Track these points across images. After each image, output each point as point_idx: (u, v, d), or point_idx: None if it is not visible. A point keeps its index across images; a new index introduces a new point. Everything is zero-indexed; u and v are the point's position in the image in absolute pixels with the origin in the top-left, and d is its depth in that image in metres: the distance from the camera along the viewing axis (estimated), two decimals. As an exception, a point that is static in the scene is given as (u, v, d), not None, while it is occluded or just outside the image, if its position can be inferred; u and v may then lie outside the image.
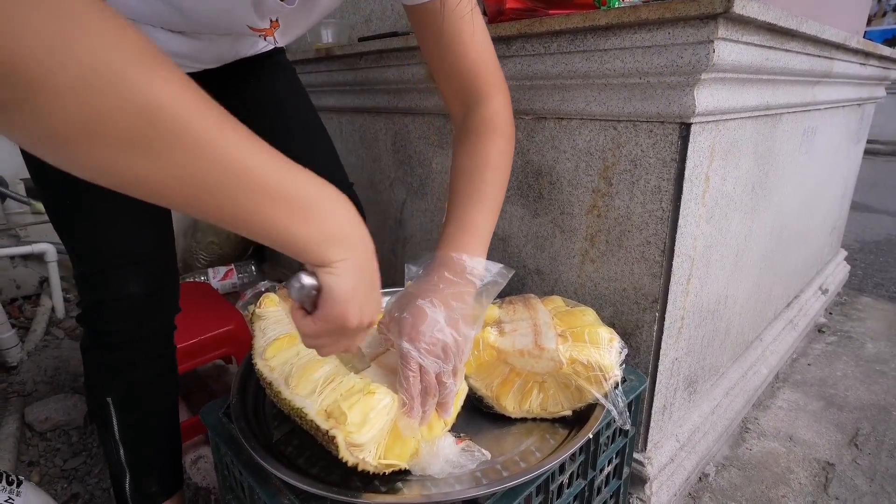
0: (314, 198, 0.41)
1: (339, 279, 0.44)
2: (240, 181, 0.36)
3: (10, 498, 0.77)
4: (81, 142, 0.31)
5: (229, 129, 0.36)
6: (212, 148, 0.34)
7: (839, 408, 1.39)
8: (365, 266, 0.47)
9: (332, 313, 0.46)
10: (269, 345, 0.70)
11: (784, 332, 1.56)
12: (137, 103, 0.31)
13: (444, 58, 0.73)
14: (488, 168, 0.72)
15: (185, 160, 0.34)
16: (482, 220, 0.71)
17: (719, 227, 0.99)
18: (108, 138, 0.31)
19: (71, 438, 1.37)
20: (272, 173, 0.38)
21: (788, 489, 1.13)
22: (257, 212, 0.38)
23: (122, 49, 0.30)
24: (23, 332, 1.91)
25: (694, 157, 0.83)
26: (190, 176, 0.35)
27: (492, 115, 0.74)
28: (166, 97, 0.32)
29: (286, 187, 0.39)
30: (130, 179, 0.34)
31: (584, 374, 0.69)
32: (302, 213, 0.40)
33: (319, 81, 1.51)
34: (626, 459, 0.88)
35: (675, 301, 0.91)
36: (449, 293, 0.63)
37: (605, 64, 0.84)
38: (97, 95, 0.30)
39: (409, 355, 0.58)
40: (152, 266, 0.78)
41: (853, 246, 2.65)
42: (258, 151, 0.38)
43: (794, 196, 1.37)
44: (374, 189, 1.48)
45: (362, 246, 0.46)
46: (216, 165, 0.35)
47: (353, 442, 0.55)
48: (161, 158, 0.33)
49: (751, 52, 0.82)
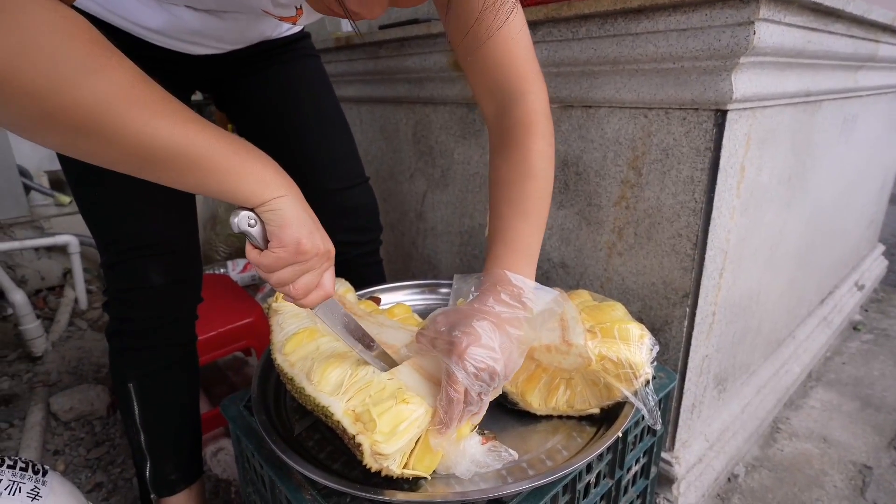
0: (244, 159, 0.48)
1: (281, 210, 0.50)
2: (180, 160, 0.44)
3: (37, 487, 0.78)
4: (39, 129, 0.39)
5: (170, 116, 0.43)
6: (152, 134, 0.41)
7: (876, 408, 1.34)
8: (301, 204, 0.52)
9: (285, 239, 0.50)
10: (287, 339, 0.68)
11: (818, 329, 1.51)
12: (86, 101, 0.38)
13: (475, 50, 0.66)
14: (531, 177, 0.68)
15: (130, 144, 0.41)
16: (529, 237, 0.67)
17: (753, 219, 0.95)
18: (61, 127, 0.39)
19: (94, 428, 1.39)
20: (206, 148, 0.45)
21: (823, 492, 1.09)
22: (198, 181, 0.46)
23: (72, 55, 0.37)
24: (47, 322, 1.95)
25: (729, 146, 0.79)
26: (135, 155, 0.42)
27: (529, 113, 0.68)
28: (111, 93, 0.39)
29: (220, 159, 0.46)
30: (86, 155, 0.42)
31: (613, 371, 0.67)
32: (237, 175, 0.47)
33: (339, 71, 1.49)
34: (654, 459, 0.85)
35: (707, 296, 0.88)
36: (505, 318, 0.61)
37: (637, 49, 0.80)
38: (51, 96, 0.37)
39: (457, 378, 0.56)
40: (176, 257, 0.79)
41: (890, 240, 2.55)
42: (193, 131, 0.44)
43: (832, 188, 1.31)
44: (394, 180, 1.46)
45: (293, 190, 0.51)
46: (158, 150, 0.42)
47: (379, 451, 0.53)
48: (110, 143, 0.41)
49: (793, 35, 0.78)
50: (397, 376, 0.61)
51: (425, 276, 1.46)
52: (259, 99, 0.92)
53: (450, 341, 0.58)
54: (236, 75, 0.90)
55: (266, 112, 0.93)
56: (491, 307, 0.62)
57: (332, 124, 0.98)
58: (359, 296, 0.96)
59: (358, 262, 1.04)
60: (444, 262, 1.38)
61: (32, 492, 0.76)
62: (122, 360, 0.83)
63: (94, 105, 0.38)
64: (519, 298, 0.63)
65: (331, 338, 0.68)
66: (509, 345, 0.60)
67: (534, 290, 0.65)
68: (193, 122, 0.45)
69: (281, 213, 0.49)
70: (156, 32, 0.70)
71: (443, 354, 0.59)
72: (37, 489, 0.77)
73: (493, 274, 0.65)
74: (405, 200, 1.44)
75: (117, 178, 0.72)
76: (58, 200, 2.29)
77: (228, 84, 0.91)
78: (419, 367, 0.63)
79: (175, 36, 0.72)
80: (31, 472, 0.79)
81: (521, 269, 0.66)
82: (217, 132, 0.46)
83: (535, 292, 0.65)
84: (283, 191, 0.50)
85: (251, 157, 0.49)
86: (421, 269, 1.47)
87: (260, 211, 0.49)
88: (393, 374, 0.61)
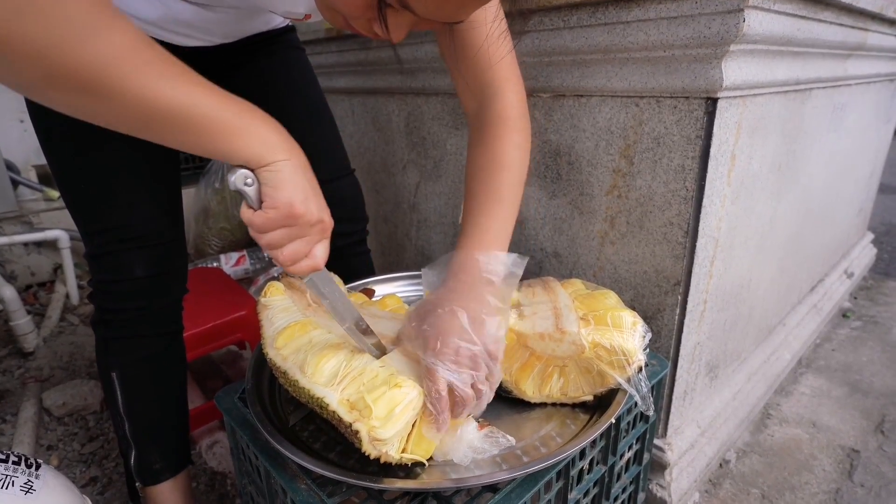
0: (249, 121, 0.48)
1: (280, 172, 0.49)
2: (182, 119, 0.44)
3: (30, 481, 0.77)
4: (43, 88, 0.40)
5: (174, 77, 0.43)
6: (154, 95, 0.41)
7: (864, 394, 1.36)
8: (304, 167, 0.52)
9: (278, 200, 0.50)
10: (279, 333, 0.68)
11: (808, 316, 1.52)
12: (89, 61, 0.38)
13: (456, 51, 0.70)
14: (504, 167, 0.70)
15: (133, 105, 0.41)
16: (499, 222, 0.69)
17: (744, 207, 0.95)
18: (66, 87, 0.39)
19: (88, 423, 1.38)
20: (210, 109, 0.45)
21: (812, 476, 1.11)
22: (202, 141, 0.46)
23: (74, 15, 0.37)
24: (38, 318, 1.93)
25: (720, 134, 0.79)
26: (138, 116, 0.43)
27: (506, 108, 0.71)
28: (113, 54, 0.39)
29: (224, 120, 0.46)
30: (89, 115, 0.43)
31: (606, 358, 0.67)
32: (240, 136, 0.47)
33: (330, 62, 1.48)
34: (647, 445, 0.86)
35: (698, 284, 0.89)
36: (468, 296, 0.61)
37: (628, 37, 0.80)
38: (52, 56, 0.37)
39: (436, 373, 0.55)
40: (160, 248, 0.79)
41: (879, 229, 2.57)
42: (197, 92, 0.44)
43: (821, 176, 1.32)
44: (387, 172, 1.46)
45: (298, 153, 0.51)
46: (160, 109, 0.42)
47: (377, 437, 0.53)
48: (112, 102, 0.41)
49: (782, 22, 0.78)
50: (388, 363, 0.61)
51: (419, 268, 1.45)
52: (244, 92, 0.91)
53: (421, 336, 0.58)
54: (224, 67, 0.89)
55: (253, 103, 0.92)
56: (452, 291, 0.62)
57: (317, 116, 0.99)
58: (352, 288, 0.96)
59: (345, 253, 1.05)
60: (437, 253, 1.38)
61: (26, 485, 0.75)
62: (106, 350, 0.84)
63: (97, 65, 0.38)
64: (478, 274, 0.64)
65: (323, 330, 0.68)
66: (482, 322, 0.59)
67: (494, 260, 0.66)
68: (198, 83, 0.45)
69: (278, 174, 0.49)
70: (148, 24, 0.69)
71: (419, 352, 0.58)
72: (30, 483, 0.76)
73: (456, 258, 0.67)
74: (398, 192, 1.44)
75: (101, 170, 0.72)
76: (47, 195, 2.26)
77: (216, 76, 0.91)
78: (409, 352, 0.64)
79: (166, 27, 0.71)
80: (24, 466, 0.78)
81: (490, 247, 0.67)
82: (222, 94, 0.46)
83: (495, 262, 0.66)
84: (285, 154, 0.50)
85: (256, 118, 0.49)
86: (415, 260, 1.47)
87: (259, 172, 0.49)
88: (384, 361, 0.61)
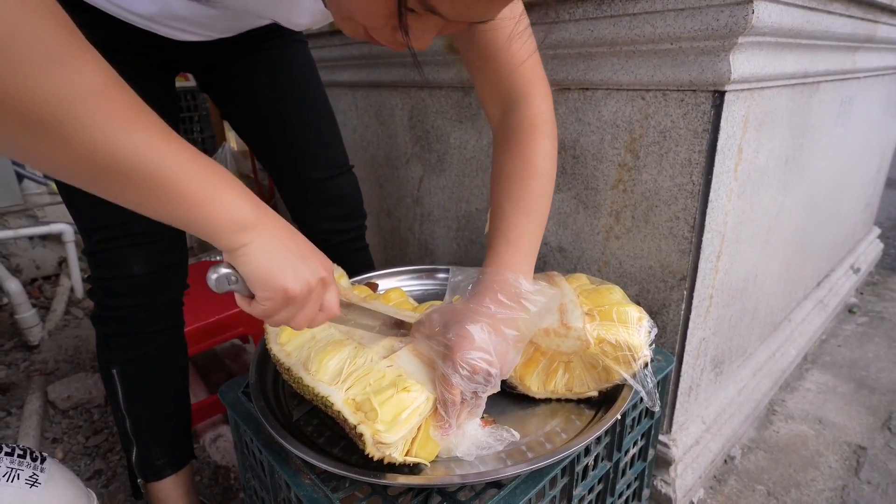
0: (215, 191, 0.43)
1: (253, 261, 0.46)
2: (144, 178, 0.38)
3: (35, 474, 0.78)
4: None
5: (142, 128, 0.38)
6: (115, 145, 0.36)
7: (871, 390, 1.35)
8: (276, 238, 0.47)
9: (268, 290, 0.47)
10: (283, 329, 0.68)
11: (813, 312, 1.51)
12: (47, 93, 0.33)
13: (479, 54, 0.67)
14: (534, 175, 0.68)
15: (90, 152, 0.36)
16: (530, 235, 0.67)
17: (751, 202, 0.94)
18: (10, 122, 0.33)
19: (93, 416, 1.39)
20: (174, 170, 0.40)
21: (818, 472, 1.10)
22: (158, 205, 0.41)
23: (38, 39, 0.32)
24: (43, 311, 1.94)
25: (727, 128, 0.78)
26: (90, 166, 0.37)
27: (534, 114, 0.69)
28: (77, 90, 0.34)
29: (187, 184, 0.41)
30: (35, 159, 0.36)
31: (611, 353, 0.67)
32: (203, 206, 0.42)
33: (334, 56, 1.47)
34: (652, 441, 0.85)
35: (704, 279, 0.88)
36: (501, 318, 0.61)
37: (634, 29, 0.79)
38: (6, 84, 0.31)
39: (452, 382, 0.56)
40: (158, 245, 0.78)
41: (886, 224, 2.55)
42: (167, 149, 0.39)
43: (828, 170, 1.31)
44: (390, 166, 1.45)
45: (268, 223, 0.47)
46: (117, 161, 0.37)
47: (381, 440, 0.53)
48: (66, 147, 0.35)
49: (791, 14, 0.77)
50: (396, 362, 0.60)
51: (422, 262, 1.45)
52: (246, 84, 0.91)
53: (445, 344, 0.58)
54: (223, 60, 0.88)
55: (252, 98, 0.92)
56: (487, 307, 0.61)
57: (317, 112, 0.98)
58: (357, 282, 0.95)
59: (344, 249, 1.05)
60: (440, 248, 1.38)
61: (31, 479, 0.76)
62: (107, 346, 0.84)
63: (55, 100, 0.33)
64: (517, 299, 0.63)
65: (325, 326, 0.67)
66: (505, 346, 0.60)
67: (532, 291, 0.65)
68: (167, 138, 0.40)
69: (255, 264, 0.46)
70: (145, 18, 0.69)
71: (438, 357, 0.59)
72: (35, 476, 0.77)
73: (491, 274, 0.65)
74: (401, 186, 1.43)
75: None
76: (51, 189, 2.26)
77: (215, 68, 0.90)
78: (418, 352, 0.63)
79: (163, 23, 0.70)
80: (29, 459, 0.78)
81: (521, 266, 0.66)
82: (191, 153, 0.41)
83: (533, 293, 0.65)
84: (252, 236, 0.45)
85: (225, 187, 0.44)
86: (418, 254, 1.46)
87: (233, 259, 0.46)
88: (392, 360, 0.61)
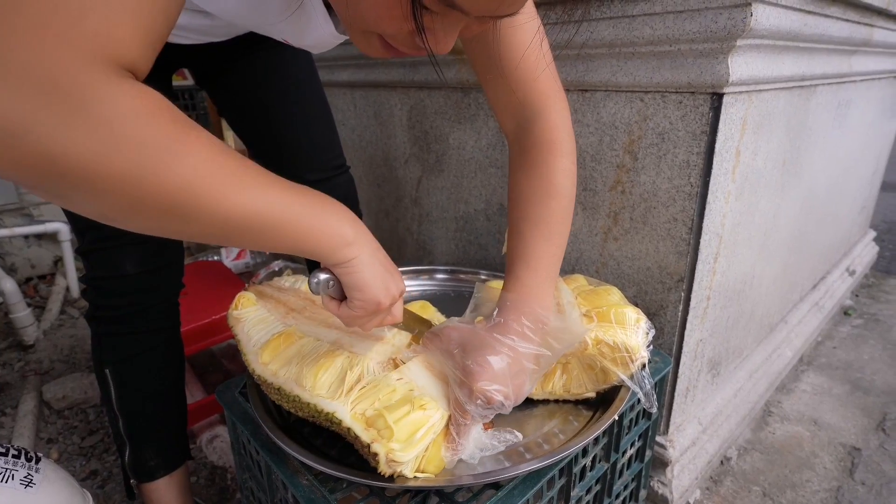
0: (320, 219, 0.47)
1: (358, 273, 0.51)
2: (258, 225, 0.43)
3: (30, 474, 0.77)
4: (129, 216, 0.39)
5: (252, 185, 0.42)
6: (231, 207, 0.40)
7: (866, 392, 1.35)
8: (374, 254, 0.52)
9: (365, 301, 0.52)
10: (263, 347, 0.65)
11: (810, 314, 1.52)
12: (174, 183, 0.37)
13: (493, 66, 0.65)
14: (553, 196, 0.66)
15: (218, 220, 0.41)
16: (550, 257, 0.66)
17: (748, 204, 0.95)
18: (150, 212, 0.38)
19: (88, 416, 1.38)
20: (284, 211, 0.44)
21: (813, 473, 1.10)
22: (276, 242, 0.46)
23: (158, 139, 0.36)
24: (38, 311, 1.93)
25: (725, 130, 0.79)
26: (217, 230, 0.42)
27: (551, 130, 0.66)
28: (198, 173, 0.38)
29: (297, 220, 0.45)
30: (172, 233, 0.42)
31: (609, 355, 0.67)
32: (313, 234, 0.47)
33: (332, 55, 1.47)
34: (649, 442, 0.86)
35: (702, 280, 0.88)
36: (523, 353, 0.61)
37: (633, 31, 0.79)
38: (141, 184, 0.36)
39: (467, 410, 0.57)
40: (152, 246, 0.78)
41: (881, 227, 2.57)
42: (274, 196, 0.44)
43: (825, 173, 1.31)
44: (388, 166, 1.45)
45: (366, 239, 0.52)
46: (243, 220, 0.42)
47: (396, 459, 0.52)
48: (198, 221, 0.40)
49: (789, 17, 0.77)
50: (407, 375, 0.59)
51: (420, 262, 1.45)
52: (244, 84, 0.91)
53: (463, 369, 0.58)
54: (221, 58, 0.88)
55: (250, 97, 0.92)
56: (510, 340, 0.61)
57: (315, 113, 0.97)
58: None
59: None
60: (439, 248, 1.38)
61: (25, 479, 0.75)
62: (100, 345, 0.83)
63: (183, 186, 0.37)
64: (542, 335, 0.63)
65: (310, 338, 0.65)
66: (522, 378, 0.60)
67: (558, 329, 0.64)
68: (272, 185, 0.44)
69: (359, 275, 0.51)
70: None
71: (453, 380, 0.59)
72: (30, 476, 0.76)
73: (520, 303, 0.64)
74: (400, 186, 1.43)
75: None
76: (46, 188, 2.25)
77: (213, 66, 0.90)
78: (429, 364, 0.62)
79: None
80: (23, 460, 0.78)
81: (541, 290, 0.65)
82: (294, 191, 0.46)
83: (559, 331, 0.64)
84: (357, 249, 0.50)
85: (327, 212, 0.48)
86: (416, 254, 1.46)
87: (336, 270, 0.51)
88: (402, 372, 0.60)
